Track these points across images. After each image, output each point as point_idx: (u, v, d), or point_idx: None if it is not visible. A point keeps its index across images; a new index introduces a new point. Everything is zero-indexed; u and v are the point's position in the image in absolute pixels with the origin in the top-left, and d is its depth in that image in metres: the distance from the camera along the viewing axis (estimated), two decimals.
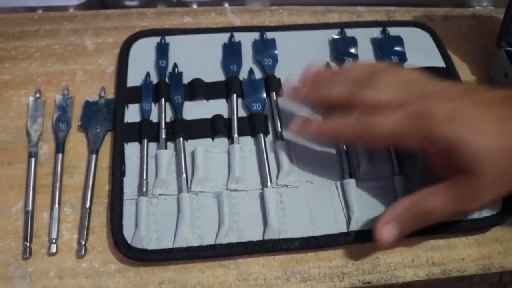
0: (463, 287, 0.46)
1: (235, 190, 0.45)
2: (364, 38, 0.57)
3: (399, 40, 0.57)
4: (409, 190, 0.46)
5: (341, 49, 0.55)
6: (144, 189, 0.44)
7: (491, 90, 0.41)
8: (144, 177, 0.45)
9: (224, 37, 0.55)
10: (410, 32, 0.59)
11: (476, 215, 0.46)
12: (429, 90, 0.41)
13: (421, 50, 0.57)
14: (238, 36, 0.55)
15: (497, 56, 0.55)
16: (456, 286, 0.46)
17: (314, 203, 0.45)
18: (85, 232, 0.43)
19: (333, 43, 0.56)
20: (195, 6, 0.60)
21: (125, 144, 0.47)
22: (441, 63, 0.56)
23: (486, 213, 0.47)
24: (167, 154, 0.46)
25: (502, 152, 0.37)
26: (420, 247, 0.46)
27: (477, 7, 0.67)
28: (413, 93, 0.41)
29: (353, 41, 0.56)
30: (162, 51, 0.53)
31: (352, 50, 0.55)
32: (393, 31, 0.58)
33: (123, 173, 0.46)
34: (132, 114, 0.49)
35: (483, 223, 0.46)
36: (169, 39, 0.54)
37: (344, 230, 0.44)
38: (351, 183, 0.46)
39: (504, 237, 0.48)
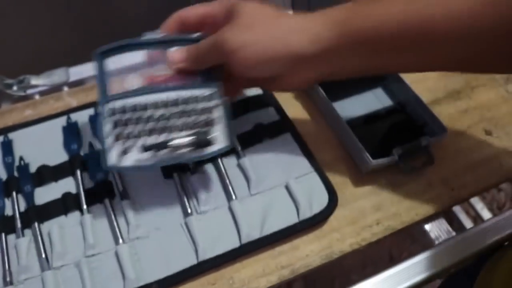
0: None
1: (92, 255, 0.50)
2: None
3: None
4: (246, 210, 0.53)
5: None
6: (8, 279, 0.49)
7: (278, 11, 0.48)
8: (7, 267, 0.49)
9: (63, 120, 0.61)
10: None
11: (308, 214, 0.54)
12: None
13: None
14: (76, 116, 0.61)
15: None
16: None
17: (165, 246, 0.51)
18: None
19: None
20: (37, 97, 0.65)
21: None
22: None
23: (315, 209, 0.54)
24: (24, 241, 0.51)
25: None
26: (268, 256, 0.53)
27: None
28: None
29: None
30: (7, 148, 0.58)
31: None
32: None
33: None
34: None
35: (315, 220, 0.54)
36: (13, 135, 0.59)
37: (195, 262, 0.50)
38: (192, 219, 0.52)
39: (339, 225, 0.55)
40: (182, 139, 0.50)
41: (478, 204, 1.25)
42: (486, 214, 1.24)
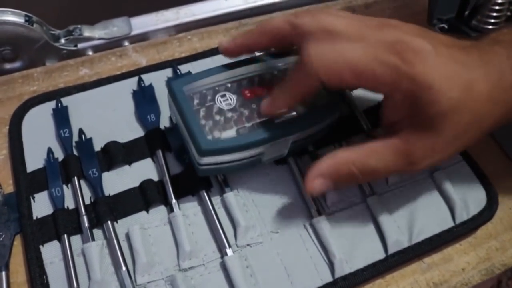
0: None
1: (190, 268, 0.37)
2: None
3: None
4: (386, 209, 0.40)
5: None
6: None
7: (447, 36, 0.35)
8: (75, 284, 0.36)
9: (132, 82, 0.46)
10: None
11: (465, 216, 0.41)
12: (385, 22, 0.34)
13: None
14: (147, 77, 0.47)
15: None
16: None
17: (286, 256, 0.38)
18: None
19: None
20: (90, 53, 0.51)
21: (40, 246, 0.37)
22: None
23: (473, 210, 0.42)
24: (96, 247, 0.37)
25: (469, 107, 0.32)
26: (415, 270, 0.40)
27: None
28: (368, 22, 0.34)
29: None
30: (61, 117, 0.43)
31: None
32: None
33: (46, 285, 0.36)
34: (41, 205, 0.39)
35: (475, 223, 0.41)
36: (66, 100, 0.45)
37: (330, 279, 0.37)
38: (321, 221, 0.39)
39: (495, 230, 0.43)
40: None
41: None
42: None
